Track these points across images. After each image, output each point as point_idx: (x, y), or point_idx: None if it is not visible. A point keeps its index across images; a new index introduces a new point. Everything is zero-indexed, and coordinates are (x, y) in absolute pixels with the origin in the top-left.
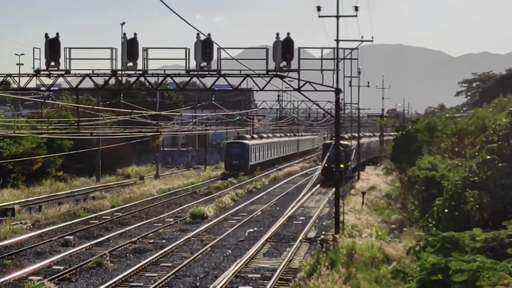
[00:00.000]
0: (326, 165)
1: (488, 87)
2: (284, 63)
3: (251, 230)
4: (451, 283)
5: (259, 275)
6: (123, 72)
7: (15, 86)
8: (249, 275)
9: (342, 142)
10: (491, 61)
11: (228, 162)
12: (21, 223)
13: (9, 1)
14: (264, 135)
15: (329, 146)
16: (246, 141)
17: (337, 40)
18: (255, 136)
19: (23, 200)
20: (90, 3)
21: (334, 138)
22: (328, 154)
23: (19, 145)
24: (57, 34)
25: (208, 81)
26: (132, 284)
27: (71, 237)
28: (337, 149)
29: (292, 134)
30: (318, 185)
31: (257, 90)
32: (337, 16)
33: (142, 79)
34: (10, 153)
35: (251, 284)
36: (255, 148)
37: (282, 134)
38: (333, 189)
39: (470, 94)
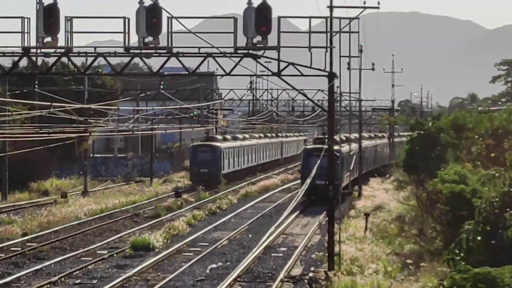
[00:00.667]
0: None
1: None
2: (259, 38)
3: (214, 265)
4: None
5: None
6: (39, 51)
7: None
8: None
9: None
10: None
11: (195, 170)
12: None
13: None
14: (240, 136)
15: (312, 153)
16: (218, 144)
17: (331, 7)
18: (228, 137)
19: None
20: None
21: (319, 141)
22: (314, 165)
23: None
24: None
25: (156, 63)
26: None
27: None
28: (331, 156)
29: (273, 135)
30: (297, 212)
31: (222, 75)
32: None
33: (64, 59)
34: None
35: None
36: (230, 153)
37: (261, 135)
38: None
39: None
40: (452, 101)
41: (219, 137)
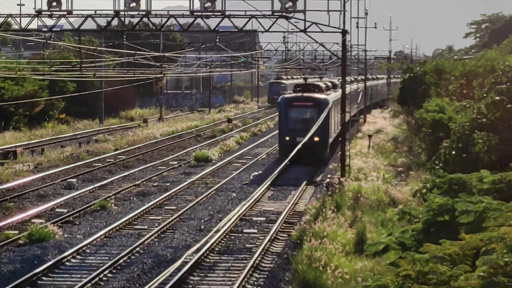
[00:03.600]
0: (287, 138)
1: (497, 29)
2: (290, 3)
3: (256, 173)
4: (457, 224)
5: (264, 218)
6: (126, 13)
7: (16, 27)
8: (254, 218)
9: (310, 95)
10: (496, 3)
11: (271, 97)
12: (23, 165)
13: None
14: (296, 77)
15: (292, 104)
16: (284, 81)
17: None
18: (289, 77)
19: (25, 142)
20: None
21: (301, 88)
22: (295, 118)
23: (21, 87)
24: None
25: (213, 23)
26: (136, 226)
27: (74, 180)
28: (343, 98)
29: (315, 76)
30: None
31: (262, 32)
32: None
33: (145, 20)
34: (12, 95)
35: (255, 227)
36: (291, 87)
37: (308, 76)
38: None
39: (479, 35)
40: (434, 51)
41: (284, 77)
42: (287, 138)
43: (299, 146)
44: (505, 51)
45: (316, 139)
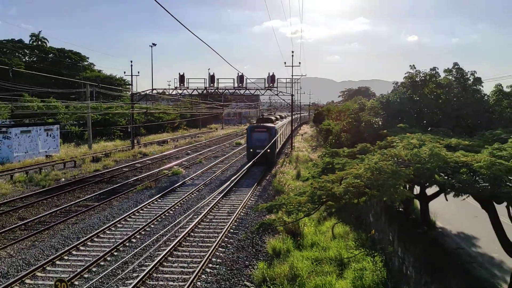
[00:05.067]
0: (251, 150)
1: (351, 94)
2: (271, 84)
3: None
4: (335, 168)
5: (258, 170)
6: (208, 87)
7: (167, 93)
8: (254, 170)
9: (265, 124)
10: (350, 84)
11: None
12: (170, 146)
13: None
14: (275, 113)
15: (255, 129)
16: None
17: (292, 75)
18: (274, 113)
19: (170, 137)
20: (197, 59)
21: (261, 120)
22: (256, 138)
23: (168, 116)
24: (183, 72)
25: (242, 91)
26: (213, 169)
27: (190, 151)
28: (292, 120)
29: (270, 113)
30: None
31: (261, 95)
32: (292, 66)
33: (216, 91)
34: (166, 119)
35: (259, 168)
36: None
37: (265, 113)
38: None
39: (344, 97)
40: (327, 102)
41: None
42: (251, 150)
43: (258, 155)
44: (353, 102)
45: (268, 150)
